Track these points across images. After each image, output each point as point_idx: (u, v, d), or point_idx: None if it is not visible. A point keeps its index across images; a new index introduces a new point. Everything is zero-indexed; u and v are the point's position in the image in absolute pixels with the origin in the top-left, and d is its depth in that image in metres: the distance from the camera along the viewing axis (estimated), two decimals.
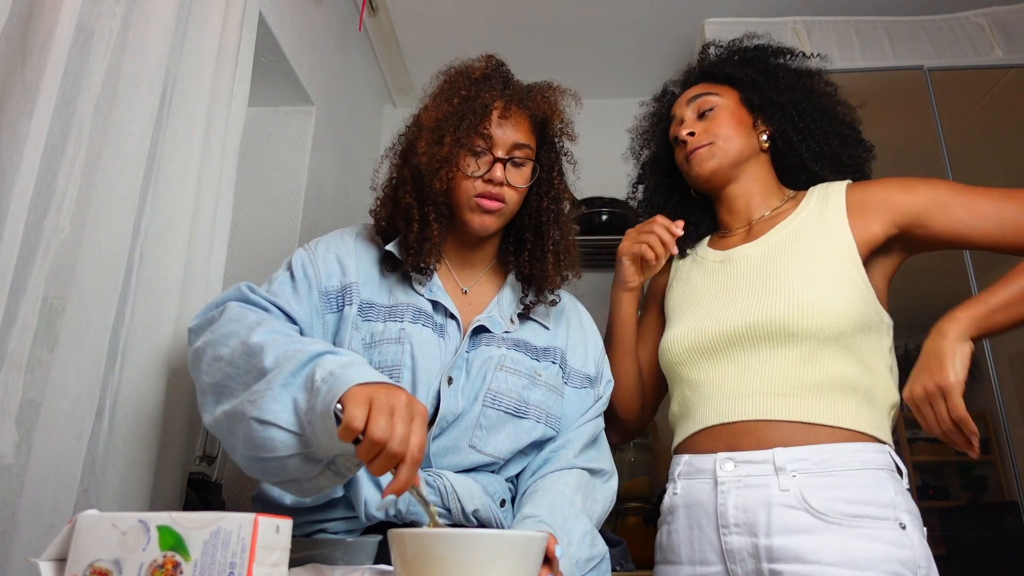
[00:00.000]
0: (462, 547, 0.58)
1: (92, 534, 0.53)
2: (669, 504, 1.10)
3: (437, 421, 0.95)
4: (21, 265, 0.82)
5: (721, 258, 1.16)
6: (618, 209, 2.24)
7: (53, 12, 0.85)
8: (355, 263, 1.04)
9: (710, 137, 1.15)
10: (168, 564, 0.50)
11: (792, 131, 1.16)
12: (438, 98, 1.05)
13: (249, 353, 0.81)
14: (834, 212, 1.08)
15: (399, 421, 0.69)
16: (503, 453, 1.00)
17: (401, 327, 0.99)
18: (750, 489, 0.97)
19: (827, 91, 1.21)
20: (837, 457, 0.95)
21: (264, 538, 0.51)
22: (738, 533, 0.97)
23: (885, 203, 1.05)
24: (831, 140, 1.16)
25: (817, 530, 0.92)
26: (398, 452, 0.68)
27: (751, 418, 1.00)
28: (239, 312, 0.89)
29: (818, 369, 0.99)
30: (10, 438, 0.82)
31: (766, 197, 1.18)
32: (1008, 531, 1.52)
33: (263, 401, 0.75)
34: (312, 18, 1.85)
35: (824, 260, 1.04)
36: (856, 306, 1.00)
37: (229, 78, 1.20)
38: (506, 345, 1.04)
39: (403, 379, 0.95)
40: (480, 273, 1.13)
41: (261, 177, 1.79)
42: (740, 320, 1.04)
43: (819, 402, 0.98)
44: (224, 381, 0.82)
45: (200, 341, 0.88)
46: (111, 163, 0.95)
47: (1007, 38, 1.99)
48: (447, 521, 0.93)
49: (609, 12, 2.26)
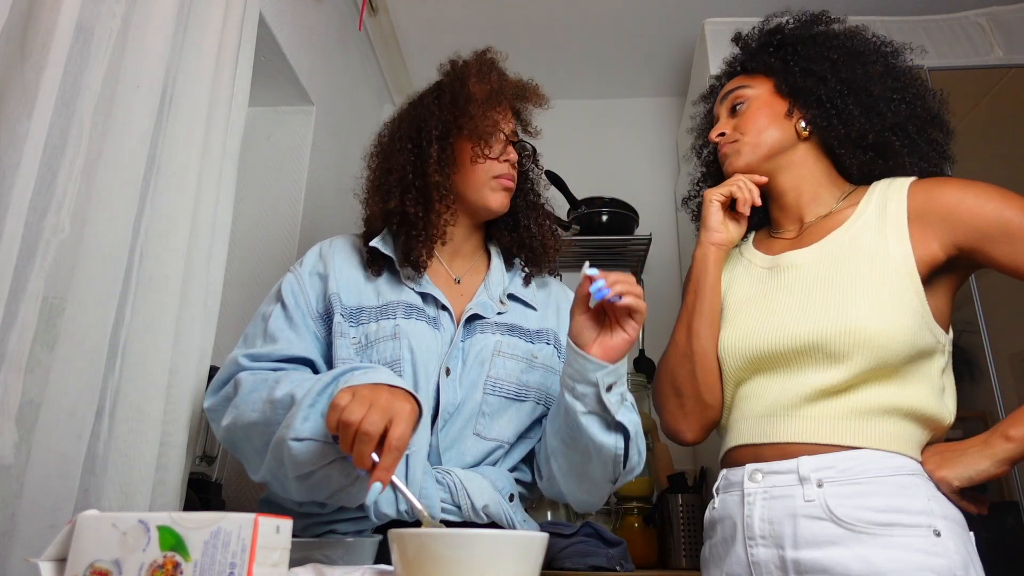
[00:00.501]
0: (462, 547, 0.58)
1: (92, 534, 0.53)
2: (709, 519, 1.06)
3: (440, 414, 0.96)
4: (21, 265, 0.82)
5: (769, 264, 1.08)
6: (618, 209, 2.24)
7: (53, 12, 0.85)
8: (334, 274, 1.07)
9: (736, 134, 1.11)
10: (168, 564, 0.50)
11: (830, 113, 1.05)
12: (477, 77, 1.12)
13: (281, 405, 0.87)
14: (894, 221, 0.98)
15: (375, 410, 0.74)
16: (507, 436, 1.02)
17: (395, 323, 1.01)
18: (775, 500, 0.94)
19: (876, 56, 1.07)
20: (863, 464, 0.91)
21: (264, 538, 0.51)
22: (764, 545, 0.94)
23: (948, 220, 0.96)
24: (881, 121, 1.03)
25: (844, 541, 0.88)
26: (367, 430, 0.73)
27: (779, 440, 0.97)
28: (253, 381, 0.94)
29: (862, 395, 0.94)
30: (10, 438, 0.82)
31: (818, 191, 1.09)
32: (1008, 531, 1.52)
33: (294, 422, 0.82)
34: (312, 18, 1.85)
35: (881, 279, 0.95)
36: (911, 332, 0.92)
37: (229, 78, 1.20)
38: (500, 331, 1.06)
39: (404, 373, 0.97)
40: (470, 262, 1.16)
41: (261, 177, 1.79)
42: (785, 337, 0.97)
43: (854, 424, 0.94)
44: (268, 440, 0.88)
45: (227, 420, 0.94)
46: (111, 163, 0.95)
47: (1007, 38, 1.99)
48: (457, 518, 0.95)
49: (609, 12, 2.26)
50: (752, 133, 1.09)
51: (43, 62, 0.84)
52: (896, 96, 1.05)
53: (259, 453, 0.91)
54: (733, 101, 1.14)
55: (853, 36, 1.11)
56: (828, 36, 1.11)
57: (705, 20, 2.09)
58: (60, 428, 0.86)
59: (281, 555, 0.53)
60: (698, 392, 1.06)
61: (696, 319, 1.07)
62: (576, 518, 1.99)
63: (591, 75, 2.55)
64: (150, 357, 1.02)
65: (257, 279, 1.70)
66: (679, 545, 1.78)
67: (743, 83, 1.14)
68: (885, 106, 1.04)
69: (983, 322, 1.69)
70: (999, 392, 1.64)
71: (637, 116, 2.68)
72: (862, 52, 1.08)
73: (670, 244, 2.46)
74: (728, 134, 1.12)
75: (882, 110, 1.04)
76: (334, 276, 1.07)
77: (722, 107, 1.16)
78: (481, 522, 0.96)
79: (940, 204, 0.97)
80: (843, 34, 1.12)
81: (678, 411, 1.09)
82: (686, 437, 1.09)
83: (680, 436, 1.10)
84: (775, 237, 1.13)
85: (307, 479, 0.86)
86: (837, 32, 1.12)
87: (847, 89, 1.05)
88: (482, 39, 2.48)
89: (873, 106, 1.04)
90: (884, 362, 0.93)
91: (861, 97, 1.04)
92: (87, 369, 0.90)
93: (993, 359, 1.67)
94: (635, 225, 2.29)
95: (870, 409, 0.94)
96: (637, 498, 1.95)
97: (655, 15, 2.27)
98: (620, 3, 2.22)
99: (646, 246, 2.28)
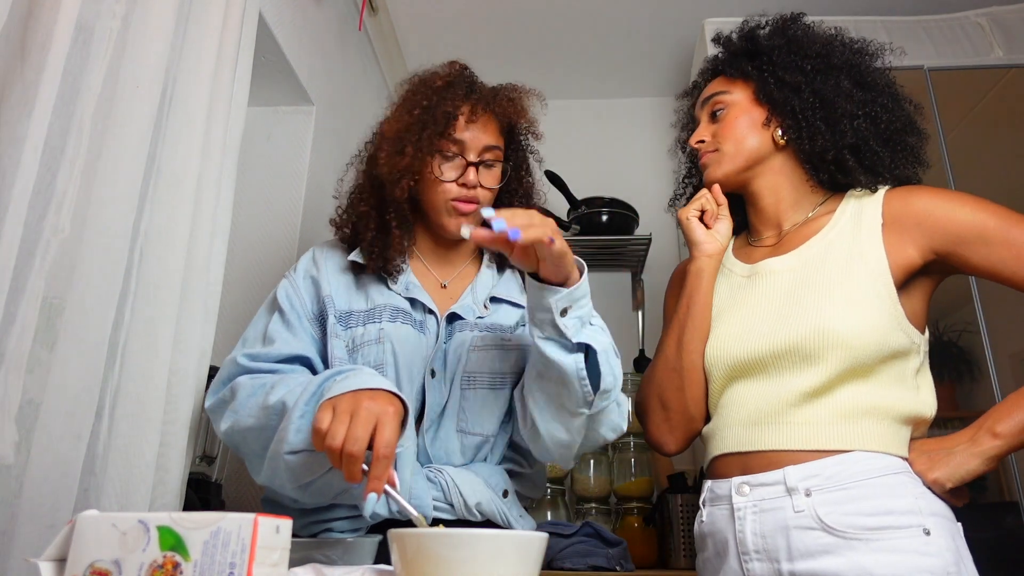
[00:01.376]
0: (462, 547, 0.58)
1: (92, 534, 0.53)
2: (699, 532, 1.06)
3: (426, 414, 0.97)
4: (21, 265, 0.82)
5: (748, 272, 1.09)
6: (618, 209, 2.25)
7: (52, 11, 0.85)
8: (326, 277, 1.09)
9: (716, 143, 1.11)
10: (168, 564, 0.50)
11: (800, 126, 1.06)
12: (400, 109, 1.10)
13: (274, 411, 0.89)
14: (868, 226, 1.00)
15: (357, 424, 0.75)
16: (490, 429, 1.02)
17: (380, 327, 1.02)
18: (766, 514, 0.95)
19: (848, 67, 1.07)
20: (849, 468, 0.92)
21: (264, 538, 0.51)
22: (759, 559, 0.94)
23: (923, 225, 0.97)
24: (841, 139, 1.04)
25: (837, 549, 0.88)
26: (350, 451, 0.74)
27: (767, 448, 0.97)
28: (250, 385, 0.96)
29: (842, 397, 0.95)
30: (10, 438, 0.82)
31: (796, 198, 1.10)
32: (1008, 531, 1.52)
33: (287, 435, 0.84)
34: (312, 18, 1.85)
35: (853, 282, 0.97)
36: (883, 333, 0.94)
37: (229, 78, 1.20)
38: (479, 328, 1.06)
39: (387, 377, 0.98)
40: (459, 268, 1.16)
41: (261, 177, 1.79)
42: (763, 343, 0.99)
43: (836, 428, 0.94)
44: (267, 443, 0.90)
45: (225, 424, 0.96)
46: (111, 163, 0.95)
47: (1007, 38, 1.99)
48: (451, 516, 0.95)
49: (609, 12, 2.26)
50: (731, 142, 1.10)
51: (43, 62, 0.83)
52: (861, 112, 1.05)
53: (258, 456, 0.93)
54: (713, 107, 1.14)
55: (829, 43, 1.10)
56: (804, 43, 1.10)
57: (705, 20, 2.09)
58: (60, 428, 0.86)
59: (281, 555, 0.53)
60: (685, 405, 1.07)
61: (688, 333, 1.07)
62: (576, 518, 1.99)
63: (591, 75, 2.55)
64: (150, 357, 1.02)
65: (257, 279, 1.70)
66: (679, 545, 1.78)
67: (723, 88, 1.14)
68: (847, 123, 1.04)
69: (983, 322, 1.69)
70: (999, 392, 1.64)
71: (637, 116, 2.68)
72: (835, 64, 1.07)
73: (670, 244, 2.46)
74: (708, 141, 1.13)
75: (843, 128, 1.04)
76: (326, 280, 1.09)
77: (703, 112, 1.16)
78: (475, 520, 0.96)
79: (916, 209, 0.99)
80: (820, 40, 1.11)
81: (664, 423, 1.10)
82: (669, 448, 1.10)
83: (664, 448, 1.11)
84: (753, 245, 1.15)
85: (308, 487, 0.88)
86: (814, 38, 1.11)
87: (818, 102, 1.05)
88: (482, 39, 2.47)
89: (836, 123, 1.04)
90: (858, 362, 0.94)
91: (828, 112, 1.05)
92: (87, 369, 0.90)
93: (993, 359, 1.67)
94: (635, 225, 2.29)
95: (852, 411, 0.95)
96: (637, 498, 1.95)
97: (655, 15, 2.27)
98: (620, 3, 2.22)
99: (646, 246, 2.28)
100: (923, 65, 1.95)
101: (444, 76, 1.10)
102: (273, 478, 0.90)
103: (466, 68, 1.15)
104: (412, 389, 1.00)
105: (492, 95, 1.10)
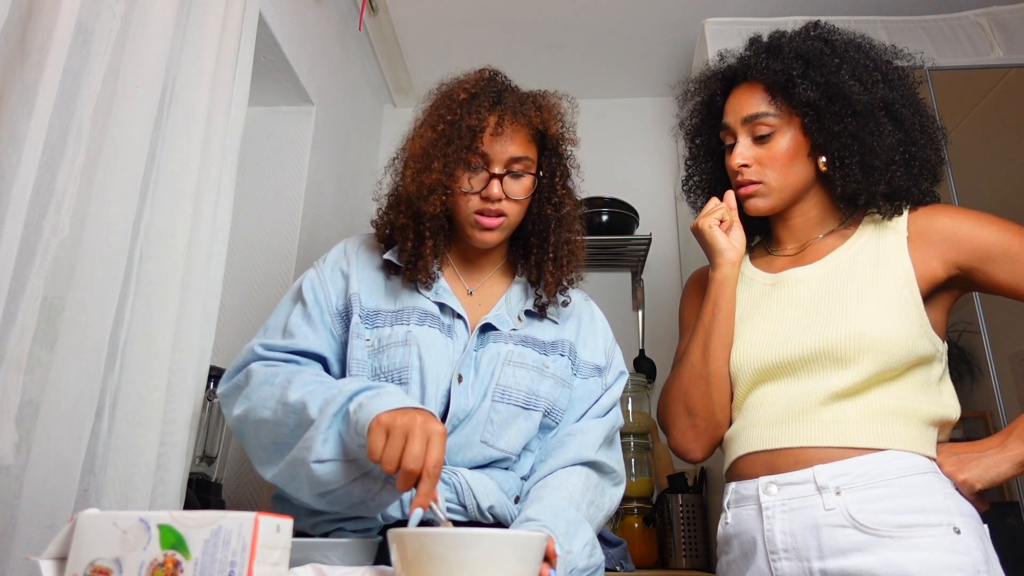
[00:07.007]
0: (462, 547, 0.58)
1: (93, 533, 0.53)
2: (723, 534, 1.06)
3: (448, 419, 0.97)
4: (20, 265, 0.82)
5: (772, 280, 1.10)
6: (618, 209, 2.25)
7: (52, 11, 0.85)
8: (357, 273, 1.08)
9: (760, 172, 1.07)
10: (168, 563, 0.50)
11: (835, 166, 1.05)
12: (424, 125, 1.07)
13: (293, 411, 0.89)
14: (894, 239, 1.03)
15: (414, 442, 0.75)
16: (514, 448, 1.02)
17: (408, 330, 1.02)
18: (795, 512, 0.95)
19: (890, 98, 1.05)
20: (878, 467, 0.93)
21: (264, 537, 0.51)
22: (787, 559, 0.94)
23: (949, 241, 1.00)
24: (875, 187, 1.04)
25: (869, 547, 0.89)
26: (412, 469, 0.75)
27: (794, 445, 0.97)
28: (265, 374, 0.96)
29: (873, 398, 0.96)
30: (10, 438, 0.82)
31: (824, 217, 1.11)
32: (1008, 531, 1.52)
33: (315, 444, 0.84)
34: (312, 18, 1.85)
35: (883, 290, 0.99)
36: (912, 339, 0.96)
37: (229, 78, 1.20)
38: (513, 341, 1.06)
39: (411, 380, 0.98)
40: (487, 276, 1.15)
41: (261, 177, 1.79)
42: (792, 347, 1.00)
43: (866, 426, 0.95)
44: (279, 439, 0.90)
45: (238, 410, 0.95)
46: (111, 163, 0.95)
47: (1007, 38, 1.99)
48: (463, 517, 0.95)
49: (609, 12, 2.26)
50: (779, 176, 1.07)
51: (42, 62, 0.84)
52: (898, 157, 1.03)
53: (266, 449, 0.92)
54: (758, 128, 1.07)
55: (872, 76, 1.05)
56: (856, 74, 1.05)
57: (705, 20, 2.09)
58: (60, 428, 0.86)
59: (281, 554, 0.53)
60: (712, 412, 1.07)
61: (714, 340, 1.07)
62: None
63: (591, 75, 2.55)
64: (150, 357, 1.02)
65: (257, 279, 1.70)
66: (679, 545, 1.78)
67: (771, 111, 1.07)
68: (881, 174, 1.03)
69: (983, 322, 1.69)
70: (999, 392, 1.64)
71: (637, 116, 2.68)
72: (878, 99, 1.04)
73: (670, 244, 2.45)
74: (752, 168, 1.08)
75: (876, 179, 1.03)
76: (356, 275, 1.08)
77: (743, 127, 1.09)
78: (487, 522, 0.96)
79: (942, 226, 1.01)
80: (864, 71, 1.05)
81: (690, 431, 1.09)
82: (695, 456, 1.10)
83: (690, 455, 1.10)
84: (774, 254, 1.14)
85: (326, 496, 0.87)
86: (860, 71, 1.06)
87: (856, 146, 1.04)
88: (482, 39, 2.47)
89: (872, 170, 1.03)
90: (889, 366, 0.96)
91: (866, 158, 1.03)
92: (87, 369, 0.90)
93: (993, 359, 1.67)
94: (635, 225, 2.29)
95: (882, 411, 0.96)
96: (637, 498, 1.95)
97: (655, 15, 2.27)
98: (620, 3, 2.22)
99: (646, 246, 2.27)
100: (923, 65, 1.95)
101: (469, 88, 1.06)
102: (290, 482, 0.89)
103: (496, 75, 1.12)
104: (437, 393, 0.98)
105: (519, 104, 1.06)
